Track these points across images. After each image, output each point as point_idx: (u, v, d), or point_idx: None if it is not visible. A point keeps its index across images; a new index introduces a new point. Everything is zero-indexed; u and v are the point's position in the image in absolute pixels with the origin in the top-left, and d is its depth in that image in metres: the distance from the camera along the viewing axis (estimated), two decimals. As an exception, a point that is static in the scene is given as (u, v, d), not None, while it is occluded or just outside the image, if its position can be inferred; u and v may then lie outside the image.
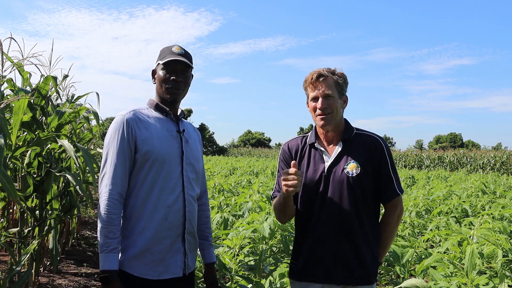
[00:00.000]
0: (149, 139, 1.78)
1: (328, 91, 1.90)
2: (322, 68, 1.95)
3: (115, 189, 1.73)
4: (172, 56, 1.85)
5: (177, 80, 1.86)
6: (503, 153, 27.96)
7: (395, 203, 1.96)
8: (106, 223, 1.70)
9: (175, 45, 1.91)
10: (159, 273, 1.77)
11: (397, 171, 1.97)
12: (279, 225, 3.53)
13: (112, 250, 1.70)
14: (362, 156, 1.92)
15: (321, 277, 1.91)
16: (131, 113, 1.81)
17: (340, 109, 1.96)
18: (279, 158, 2.14)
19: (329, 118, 1.92)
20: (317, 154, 2.00)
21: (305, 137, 2.08)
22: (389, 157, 1.95)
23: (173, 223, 1.80)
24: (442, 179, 14.44)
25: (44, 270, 4.47)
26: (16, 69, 3.22)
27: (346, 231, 1.89)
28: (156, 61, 1.91)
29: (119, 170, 1.74)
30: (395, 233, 2.04)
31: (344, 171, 1.91)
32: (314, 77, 1.91)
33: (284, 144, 2.14)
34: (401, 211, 1.99)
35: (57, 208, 3.98)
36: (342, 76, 1.96)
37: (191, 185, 1.88)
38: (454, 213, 5.71)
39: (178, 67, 1.87)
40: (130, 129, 1.77)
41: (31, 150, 3.38)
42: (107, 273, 1.68)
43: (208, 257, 2.05)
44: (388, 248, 2.03)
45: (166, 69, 1.85)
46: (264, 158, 40.70)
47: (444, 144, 63.79)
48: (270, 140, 71.21)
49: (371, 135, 1.99)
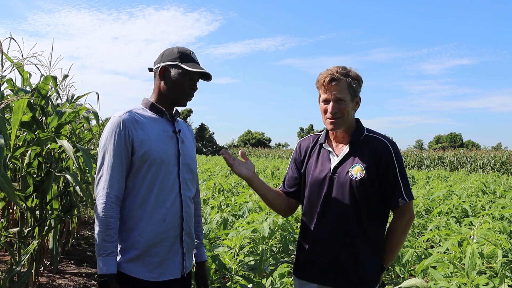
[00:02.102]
0: (146, 140, 1.76)
1: (340, 95, 1.86)
2: (337, 68, 1.88)
3: (112, 192, 1.71)
4: (197, 67, 1.82)
5: (195, 89, 1.87)
6: (503, 153, 27.94)
7: (402, 210, 1.88)
8: (103, 227, 1.69)
9: (191, 51, 1.88)
10: (158, 275, 1.77)
11: (406, 177, 1.89)
12: (279, 225, 3.53)
13: (110, 254, 1.68)
14: (368, 160, 1.87)
15: (317, 277, 1.92)
16: (127, 114, 1.78)
17: (351, 111, 1.93)
18: (291, 155, 2.17)
19: (339, 122, 1.89)
20: (325, 154, 1.99)
21: (318, 135, 2.07)
22: (397, 162, 1.87)
23: (171, 224, 1.79)
24: (442, 179, 14.43)
25: (44, 270, 4.47)
26: (16, 69, 3.22)
27: (345, 234, 1.87)
28: (171, 60, 1.83)
29: (116, 172, 1.72)
30: (403, 240, 1.95)
31: (348, 174, 1.88)
32: (326, 80, 1.86)
33: (298, 142, 2.16)
34: (410, 218, 1.90)
35: (57, 208, 3.98)
36: (357, 77, 1.90)
37: (187, 186, 1.87)
38: (454, 213, 5.71)
39: (197, 76, 1.86)
40: (126, 131, 1.74)
41: (31, 150, 3.38)
42: (106, 277, 1.67)
43: (199, 256, 2.05)
44: (395, 254, 1.96)
45: (189, 76, 1.83)
46: (264, 158, 40.70)
47: (444, 144, 63.81)
48: (270, 140, 71.21)
49: (381, 139, 1.92)
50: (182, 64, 1.81)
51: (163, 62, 1.85)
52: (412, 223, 1.95)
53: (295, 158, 2.11)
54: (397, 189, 1.86)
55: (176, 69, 1.82)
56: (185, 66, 1.80)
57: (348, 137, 1.96)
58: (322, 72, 1.93)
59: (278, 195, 2.08)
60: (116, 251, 1.71)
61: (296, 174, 2.08)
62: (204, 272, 2.05)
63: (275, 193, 2.06)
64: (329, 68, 1.91)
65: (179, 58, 1.83)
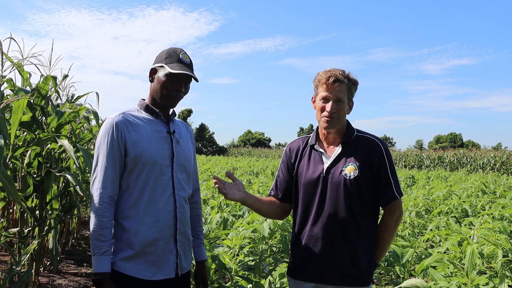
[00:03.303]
0: (139, 142, 1.78)
1: (340, 95, 1.91)
2: (339, 71, 1.93)
3: (105, 193, 1.74)
4: (180, 68, 1.81)
5: (180, 90, 1.85)
6: (503, 153, 27.96)
7: (393, 206, 1.94)
8: (97, 227, 1.72)
9: (182, 51, 1.87)
10: (152, 274, 1.79)
11: (396, 174, 1.96)
12: (279, 225, 3.53)
13: (104, 253, 1.72)
14: (361, 159, 1.92)
15: (314, 276, 1.95)
16: (121, 116, 1.80)
17: (345, 113, 1.98)
18: (281, 158, 2.18)
19: (334, 122, 1.93)
20: (317, 155, 2.02)
21: (307, 137, 2.11)
22: (388, 160, 1.93)
23: (164, 224, 1.81)
24: (442, 179, 14.44)
25: (44, 270, 4.47)
26: (16, 69, 3.22)
27: (342, 232, 1.91)
28: (159, 62, 1.85)
29: (109, 173, 1.75)
30: (393, 235, 2.03)
31: (342, 173, 1.91)
32: (331, 80, 1.90)
33: (287, 145, 2.19)
34: (399, 214, 1.97)
35: (57, 208, 3.99)
36: (355, 82, 1.96)
37: (181, 186, 1.89)
38: (454, 213, 5.71)
39: (183, 77, 1.85)
40: (119, 132, 1.76)
41: (31, 150, 3.38)
42: (100, 275, 1.70)
43: (199, 255, 2.07)
44: (386, 250, 2.04)
45: (172, 77, 1.82)
46: (264, 158, 40.72)
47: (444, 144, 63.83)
48: (270, 140, 71.06)
49: (371, 138, 1.98)
50: (166, 66, 1.82)
51: (153, 64, 1.89)
52: (401, 220, 2.02)
53: (285, 161, 2.13)
54: (389, 186, 1.93)
55: (162, 71, 1.84)
56: (167, 67, 1.81)
57: (339, 138, 2.00)
58: (322, 71, 1.96)
59: (271, 205, 2.14)
60: (110, 250, 1.74)
61: (287, 177, 2.11)
62: (203, 271, 2.06)
63: (268, 204, 2.13)
64: (330, 69, 1.95)
65: (165, 60, 1.85)
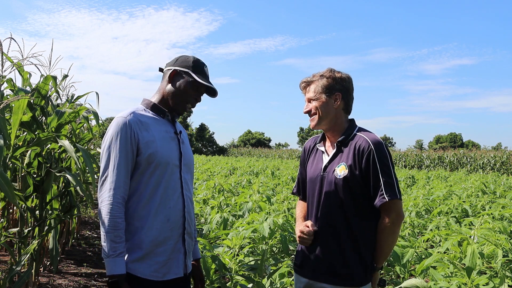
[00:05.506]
0: (152, 142, 1.77)
1: (310, 95, 2.01)
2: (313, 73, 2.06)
3: (118, 193, 1.71)
4: (206, 81, 1.86)
5: (198, 101, 1.91)
6: (503, 153, 27.95)
7: (387, 208, 1.86)
8: (111, 228, 1.69)
9: (205, 65, 1.92)
10: (163, 274, 1.79)
11: (391, 175, 1.87)
12: (279, 225, 3.53)
13: (119, 255, 1.69)
14: (352, 159, 1.91)
15: (308, 273, 1.99)
16: (132, 115, 1.79)
17: (332, 109, 1.98)
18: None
19: (316, 119, 2.00)
20: (319, 153, 2.08)
21: (319, 137, 2.16)
22: (379, 161, 1.86)
23: (174, 223, 1.81)
24: (442, 179, 14.44)
25: (44, 270, 4.47)
26: (16, 69, 3.21)
27: (333, 231, 1.93)
28: (184, 67, 1.86)
29: (122, 173, 1.73)
30: (393, 239, 1.91)
31: (334, 173, 1.94)
32: (301, 87, 2.08)
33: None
34: (397, 217, 1.87)
35: (57, 208, 3.98)
36: (330, 77, 1.99)
37: (188, 186, 1.90)
38: (454, 213, 5.71)
39: (204, 90, 1.90)
40: (132, 132, 1.74)
41: (31, 150, 3.38)
42: (116, 277, 1.67)
43: (194, 254, 2.08)
44: (386, 253, 1.94)
45: (196, 87, 1.86)
46: (264, 158, 40.72)
47: (444, 144, 63.82)
48: (270, 140, 71.15)
49: (364, 138, 1.93)
50: (193, 74, 1.84)
51: (176, 66, 1.87)
52: (401, 223, 1.94)
53: (301, 160, 2.21)
54: (378, 187, 1.86)
55: (186, 77, 1.85)
56: (195, 76, 1.83)
57: (336, 137, 2.02)
58: None
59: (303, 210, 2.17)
60: (124, 252, 1.72)
61: (304, 176, 2.16)
62: (201, 269, 2.09)
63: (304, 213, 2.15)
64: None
65: (192, 68, 1.86)
